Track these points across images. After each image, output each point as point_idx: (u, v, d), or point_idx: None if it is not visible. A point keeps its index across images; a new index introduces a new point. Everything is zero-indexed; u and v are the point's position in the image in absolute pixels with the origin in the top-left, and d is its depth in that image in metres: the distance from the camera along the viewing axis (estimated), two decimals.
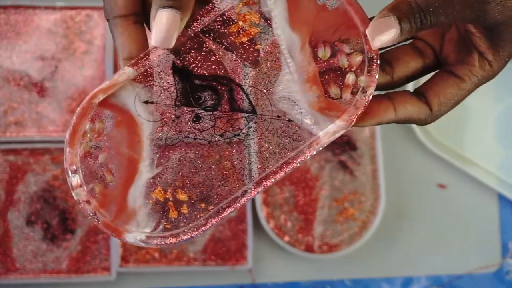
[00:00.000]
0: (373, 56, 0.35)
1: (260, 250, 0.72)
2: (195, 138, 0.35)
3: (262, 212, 0.68)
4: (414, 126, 0.72)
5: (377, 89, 0.36)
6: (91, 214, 0.34)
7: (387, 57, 0.39)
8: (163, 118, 0.35)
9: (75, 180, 0.34)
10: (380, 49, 0.36)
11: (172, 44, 0.33)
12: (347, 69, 0.35)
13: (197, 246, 0.70)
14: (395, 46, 0.38)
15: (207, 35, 0.35)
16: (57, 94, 0.70)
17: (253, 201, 0.70)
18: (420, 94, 0.39)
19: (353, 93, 0.35)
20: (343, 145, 0.68)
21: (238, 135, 0.36)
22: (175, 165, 0.35)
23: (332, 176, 0.69)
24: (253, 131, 0.36)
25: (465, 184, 0.74)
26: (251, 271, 0.72)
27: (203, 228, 0.35)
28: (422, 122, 0.39)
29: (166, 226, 0.35)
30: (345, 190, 0.69)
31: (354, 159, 0.68)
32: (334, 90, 0.35)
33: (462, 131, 0.75)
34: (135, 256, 0.70)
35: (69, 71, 0.70)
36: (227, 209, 0.35)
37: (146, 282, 0.72)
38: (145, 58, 0.34)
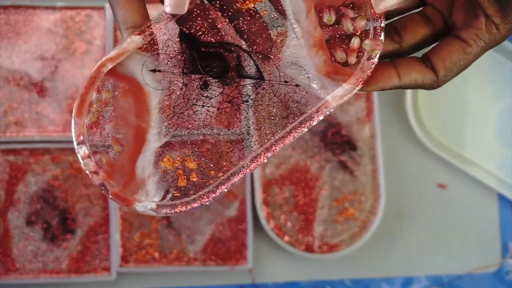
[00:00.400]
0: (378, 19, 0.35)
1: (260, 250, 0.72)
2: (203, 106, 0.35)
3: (262, 212, 0.68)
4: (415, 126, 0.72)
5: (385, 57, 0.37)
6: (99, 184, 0.34)
7: (395, 26, 0.39)
8: (170, 87, 0.35)
9: (82, 151, 0.34)
10: (390, 17, 0.37)
11: (185, 9, 0.34)
12: (352, 33, 0.36)
13: (197, 246, 0.71)
14: (405, 14, 0.39)
15: (213, 2, 0.35)
16: (57, 94, 0.70)
17: (253, 201, 0.70)
18: (426, 59, 0.39)
19: (359, 57, 0.36)
20: (343, 145, 0.68)
21: (247, 101, 0.36)
22: (183, 133, 0.35)
23: (332, 176, 0.68)
24: (261, 97, 0.36)
25: (465, 184, 0.74)
26: (251, 271, 0.72)
27: (213, 195, 0.35)
28: (427, 87, 0.40)
29: (175, 194, 0.35)
30: (345, 190, 0.69)
31: (354, 159, 0.68)
32: (340, 55, 0.36)
33: (462, 131, 0.75)
34: (135, 256, 0.70)
35: (69, 71, 0.70)
36: (237, 176, 0.35)
37: (146, 282, 0.72)
38: (151, 26, 0.34)
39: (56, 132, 0.70)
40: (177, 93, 0.35)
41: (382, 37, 0.36)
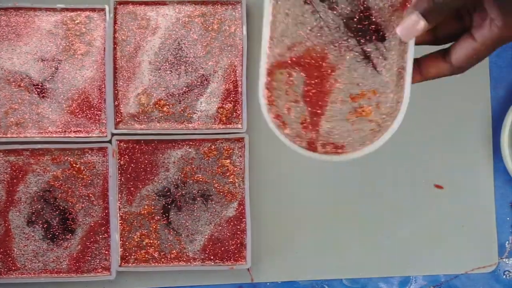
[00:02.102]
0: None
1: (259, 250, 0.72)
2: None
3: (263, 98, 0.55)
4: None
5: (422, 43, 0.48)
6: None
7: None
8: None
9: None
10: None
11: None
12: None
13: (196, 246, 0.71)
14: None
15: None
16: (57, 95, 0.71)
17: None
18: (446, 52, 0.48)
19: None
20: (371, 33, 0.56)
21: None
22: None
23: (352, 67, 0.56)
24: None
25: (462, 185, 0.74)
26: (249, 271, 0.72)
27: None
28: (447, 76, 0.49)
29: None
30: (364, 86, 0.57)
31: (381, 51, 0.56)
32: None
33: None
34: (134, 256, 0.71)
35: (69, 73, 0.71)
36: None
37: (145, 281, 0.72)
38: None
39: (56, 133, 0.70)
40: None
41: None
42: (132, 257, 0.71)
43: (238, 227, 0.71)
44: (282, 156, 0.72)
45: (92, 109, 0.71)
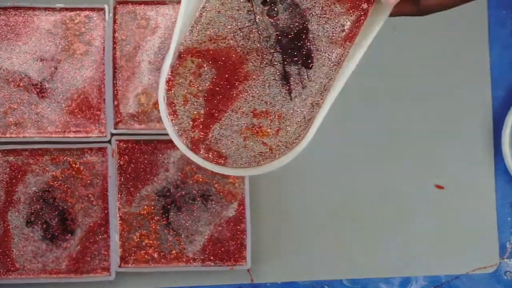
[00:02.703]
0: None
1: (259, 251, 0.72)
2: None
3: (163, 78, 0.50)
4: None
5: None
6: None
7: None
8: None
9: None
10: None
11: None
12: None
13: (196, 246, 0.71)
14: None
15: None
16: (56, 95, 0.70)
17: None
18: None
19: None
20: (299, 56, 0.50)
21: None
22: None
23: (266, 83, 0.51)
24: None
25: (463, 185, 0.74)
26: (249, 271, 0.72)
27: None
28: (412, 16, 0.48)
29: None
30: (271, 106, 0.51)
31: (302, 78, 0.50)
32: None
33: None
34: (134, 256, 0.70)
35: (68, 72, 0.71)
36: None
37: (145, 282, 0.72)
38: None
39: (55, 133, 0.70)
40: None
41: None
42: (132, 257, 0.70)
43: (238, 227, 0.71)
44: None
45: (92, 109, 0.71)
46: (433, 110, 0.74)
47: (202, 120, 0.51)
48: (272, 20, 0.48)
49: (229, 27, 0.48)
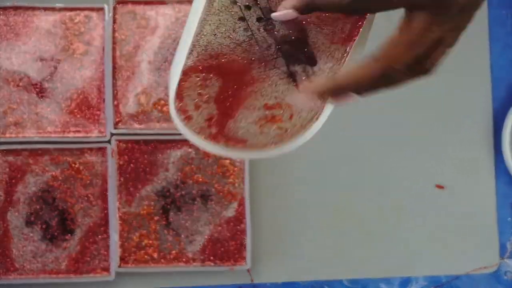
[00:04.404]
0: None
1: (259, 251, 0.72)
2: None
3: (174, 103, 0.50)
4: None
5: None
6: None
7: None
8: None
9: None
10: None
11: None
12: None
13: (196, 246, 0.71)
14: None
15: None
16: (56, 95, 0.70)
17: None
18: None
19: None
20: (302, 59, 0.52)
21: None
22: None
23: (273, 83, 0.52)
24: None
25: (463, 185, 0.74)
26: (249, 271, 0.72)
27: None
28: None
29: None
30: (282, 100, 0.53)
31: (307, 73, 0.52)
32: None
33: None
34: (134, 256, 0.70)
35: (68, 72, 0.71)
36: None
37: (145, 282, 0.72)
38: None
39: (55, 133, 0.70)
40: None
41: None
42: (132, 257, 0.70)
43: (238, 227, 0.71)
44: (282, 157, 0.72)
45: (91, 109, 0.70)
46: (433, 110, 0.74)
47: (216, 118, 0.52)
48: (269, 33, 0.48)
49: (228, 45, 0.49)
